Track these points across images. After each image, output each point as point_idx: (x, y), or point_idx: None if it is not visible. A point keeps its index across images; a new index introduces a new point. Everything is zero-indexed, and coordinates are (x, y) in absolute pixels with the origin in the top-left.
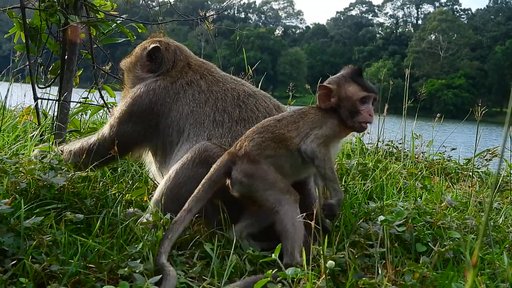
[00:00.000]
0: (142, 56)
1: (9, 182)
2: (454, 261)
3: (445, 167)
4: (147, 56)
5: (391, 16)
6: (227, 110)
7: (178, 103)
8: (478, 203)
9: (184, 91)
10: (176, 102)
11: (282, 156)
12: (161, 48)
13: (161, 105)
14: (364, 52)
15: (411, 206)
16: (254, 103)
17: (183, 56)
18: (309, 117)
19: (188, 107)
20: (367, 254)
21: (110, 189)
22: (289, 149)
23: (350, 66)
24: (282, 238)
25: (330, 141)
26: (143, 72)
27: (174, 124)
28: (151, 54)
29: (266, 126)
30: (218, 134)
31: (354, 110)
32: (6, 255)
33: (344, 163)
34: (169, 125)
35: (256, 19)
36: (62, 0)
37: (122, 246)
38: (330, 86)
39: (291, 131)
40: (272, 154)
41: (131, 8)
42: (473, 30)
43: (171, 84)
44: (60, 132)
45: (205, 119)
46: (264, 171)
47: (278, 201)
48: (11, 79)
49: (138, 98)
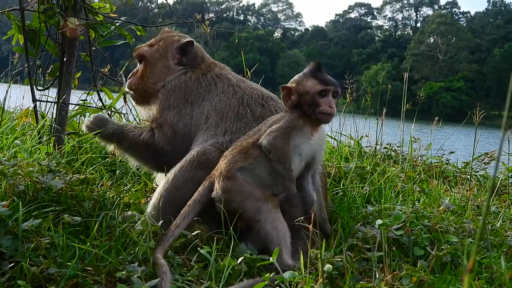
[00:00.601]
0: (173, 48)
1: (7, 184)
2: (451, 265)
3: (443, 171)
4: (179, 49)
5: (390, 18)
6: (251, 106)
7: (210, 94)
8: (476, 207)
9: (215, 83)
10: (208, 93)
11: (254, 166)
12: (194, 43)
13: (195, 95)
14: (363, 55)
15: (409, 210)
16: (274, 105)
17: (207, 56)
18: (271, 120)
19: (218, 98)
20: (365, 257)
21: (108, 191)
22: (256, 156)
23: (311, 63)
24: (268, 244)
25: (288, 134)
26: (173, 64)
27: (204, 111)
28: (185, 47)
29: (236, 143)
30: (235, 128)
31: (313, 103)
32: (4, 257)
33: (342, 166)
34: (200, 112)
35: (255, 21)
36: (61, 3)
37: (120, 249)
38: (289, 85)
39: (254, 137)
40: (243, 166)
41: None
42: (472, 33)
43: (202, 76)
44: (58, 134)
45: (229, 110)
46: (239, 185)
47: (257, 210)
48: (10, 81)
49: (171, 91)
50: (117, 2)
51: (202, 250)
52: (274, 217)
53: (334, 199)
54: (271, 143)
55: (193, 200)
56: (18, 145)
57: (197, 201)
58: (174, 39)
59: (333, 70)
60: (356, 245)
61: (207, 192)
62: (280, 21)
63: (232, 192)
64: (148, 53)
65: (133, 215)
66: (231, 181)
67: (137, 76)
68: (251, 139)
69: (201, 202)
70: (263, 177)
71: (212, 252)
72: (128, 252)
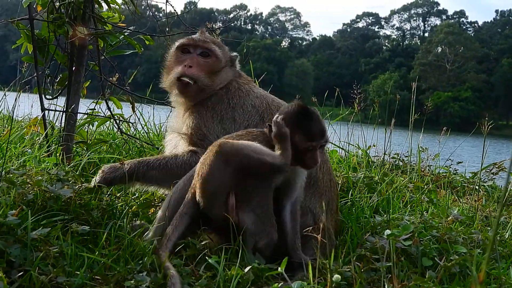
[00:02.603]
0: (228, 57)
1: (16, 193)
2: (460, 276)
3: (451, 181)
4: (230, 60)
5: (397, 28)
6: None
7: (242, 107)
8: (484, 217)
9: (249, 94)
10: (240, 107)
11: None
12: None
13: (235, 104)
14: (371, 64)
15: (417, 220)
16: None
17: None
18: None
19: (251, 105)
20: (373, 268)
21: (116, 200)
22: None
23: (296, 105)
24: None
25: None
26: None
27: (233, 126)
28: (233, 60)
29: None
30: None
31: (298, 153)
32: (13, 266)
33: (351, 176)
34: (232, 125)
35: (262, 31)
36: (70, 12)
37: (128, 258)
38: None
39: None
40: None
41: (139, 20)
42: (479, 43)
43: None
44: (67, 144)
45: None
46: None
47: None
48: (19, 90)
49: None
50: (125, 11)
51: (210, 259)
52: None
53: (342, 209)
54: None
55: (179, 213)
56: (28, 153)
57: (184, 213)
58: (227, 48)
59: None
60: (365, 255)
61: (192, 204)
62: (287, 31)
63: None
64: (220, 54)
65: (142, 224)
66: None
67: (202, 69)
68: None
69: (188, 215)
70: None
71: (221, 262)
72: (136, 262)
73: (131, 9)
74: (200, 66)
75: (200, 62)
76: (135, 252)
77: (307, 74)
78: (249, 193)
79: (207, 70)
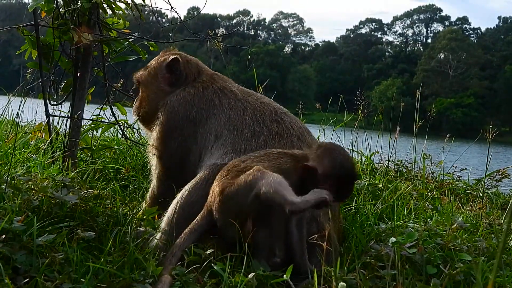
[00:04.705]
0: (162, 69)
1: (21, 199)
2: (464, 284)
3: (455, 188)
4: (166, 69)
5: (400, 34)
6: (266, 123)
7: (215, 110)
8: (488, 225)
9: (219, 97)
10: (212, 109)
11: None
12: (180, 60)
13: (196, 111)
14: (373, 70)
15: (421, 228)
16: (289, 121)
17: (205, 68)
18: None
19: (225, 115)
20: (378, 275)
21: (121, 207)
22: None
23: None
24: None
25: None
26: (165, 85)
27: (212, 130)
28: (170, 66)
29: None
30: (254, 145)
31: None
32: (18, 272)
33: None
34: (207, 131)
35: (265, 36)
36: (75, 18)
37: (133, 265)
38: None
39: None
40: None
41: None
42: (482, 49)
43: (203, 90)
44: (71, 149)
45: (244, 127)
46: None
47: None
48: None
49: (171, 110)
50: (129, 16)
51: (215, 266)
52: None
53: (346, 216)
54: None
55: (189, 229)
56: (33, 159)
57: (194, 230)
58: (162, 58)
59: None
60: (370, 263)
61: (206, 221)
62: (290, 36)
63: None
64: (142, 78)
65: (146, 231)
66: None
67: (139, 100)
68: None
69: (198, 232)
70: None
71: (226, 269)
72: (139, 270)
73: (135, 15)
74: (138, 99)
75: (138, 95)
76: (139, 260)
77: (310, 80)
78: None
79: (140, 101)
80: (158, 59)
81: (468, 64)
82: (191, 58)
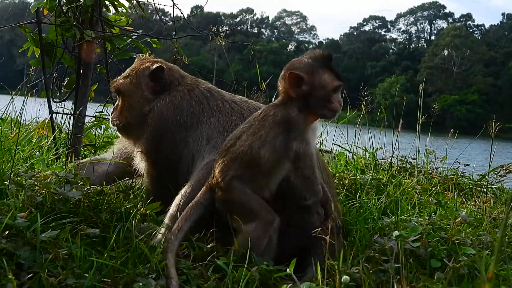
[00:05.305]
0: (145, 76)
1: (25, 196)
2: (468, 277)
3: (459, 183)
4: (150, 76)
5: (404, 31)
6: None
7: (205, 114)
8: (492, 219)
9: (207, 99)
10: (202, 113)
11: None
12: (165, 67)
13: (187, 116)
14: (377, 68)
15: (425, 222)
16: None
17: (187, 74)
18: (268, 121)
19: (215, 118)
20: (382, 269)
21: (125, 203)
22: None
23: (318, 52)
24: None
25: (303, 135)
26: (149, 94)
27: (203, 134)
28: (155, 73)
29: (228, 148)
30: None
31: (326, 99)
32: (22, 268)
33: (358, 178)
34: (198, 135)
35: (269, 34)
36: (78, 16)
37: (137, 260)
38: (301, 74)
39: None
40: (237, 174)
41: (145, 23)
42: (486, 46)
43: (188, 92)
44: (75, 146)
45: (233, 128)
46: (237, 195)
47: (249, 221)
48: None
49: (160, 115)
50: (133, 15)
51: (219, 261)
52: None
53: (350, 211)
54: (300, 152)
55: (195, 202)
56: (36, 156)
57: (200, 203)
58: (144, 66)
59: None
60: (373, 257)
61: (208, 197)
62: (294, 34)
63: (230, 203)
64: (123, 87)
65: (150, 226)
66: (228, 193)
67: (118, 110)
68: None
69: (204, 205)
70: (259, 179)
71: (229, 263)
72: (143, 265)
73: (138, 12)
74: (117, 109)
75: (118, 105)
76: (144, 255)
77: None
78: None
79: (120, 110)
80: (139, 67)
81: (472, 61)
82: (172, 65)
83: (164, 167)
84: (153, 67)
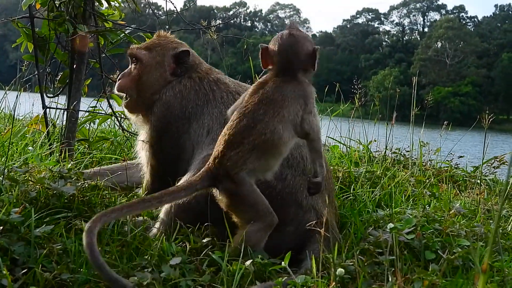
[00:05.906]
0: (169, 56)
1: (19, 191)
2: (463, 269)
3: (453, 175)
4: (174, 58)
5: (397, 24)
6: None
7: (209, 105)
8: (486, 211)
9: (213, 92)
10: (207, 105)
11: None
12: (190, 52)
13: (192, 108)
14: (371, 60)
15: (419, 214)
16: None
17: (203, 61)
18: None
19: (217, 109)
20: (377, 261)
21: (119, 197)
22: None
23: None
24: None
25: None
26: (169, 74)
27: (205, 125)
28: (180, 57)
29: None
30: None
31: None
32: (16, 263)
33: (353, 171)
34: (200, 126)
35: (262, 28)
36: (70, 10)
37: (131, 255)
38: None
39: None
40: (253, 168)
41: (138, 17)
42: (479, 38)
43: (199, 82)
44: (68, 141)
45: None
46: (246, 193)
47: (253, 220)
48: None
49: (167, 106)
50: (126, 9)
51: (214, 254)
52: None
53: (344, 204)
54: (313, 125)
55: (188, 183)
56: (30, 151)
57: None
58: (171, 45)
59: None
60: (368, 249)
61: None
62: None
63: (238, 197)
64: (146, 58)
65: (145, 221)
66: (239, 187)
67: (130, 79)
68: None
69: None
70: (268, 164)
71: (224, 257)
72: (139, 258)
73: (131, 6)
74: (130, 76)
75: (130, 72)
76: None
77: None
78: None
79: (134, 79)
80: (165, 44)
81: (465, 53)
82: (193, 51)
83: (165, 159)
84: (180, 49)
